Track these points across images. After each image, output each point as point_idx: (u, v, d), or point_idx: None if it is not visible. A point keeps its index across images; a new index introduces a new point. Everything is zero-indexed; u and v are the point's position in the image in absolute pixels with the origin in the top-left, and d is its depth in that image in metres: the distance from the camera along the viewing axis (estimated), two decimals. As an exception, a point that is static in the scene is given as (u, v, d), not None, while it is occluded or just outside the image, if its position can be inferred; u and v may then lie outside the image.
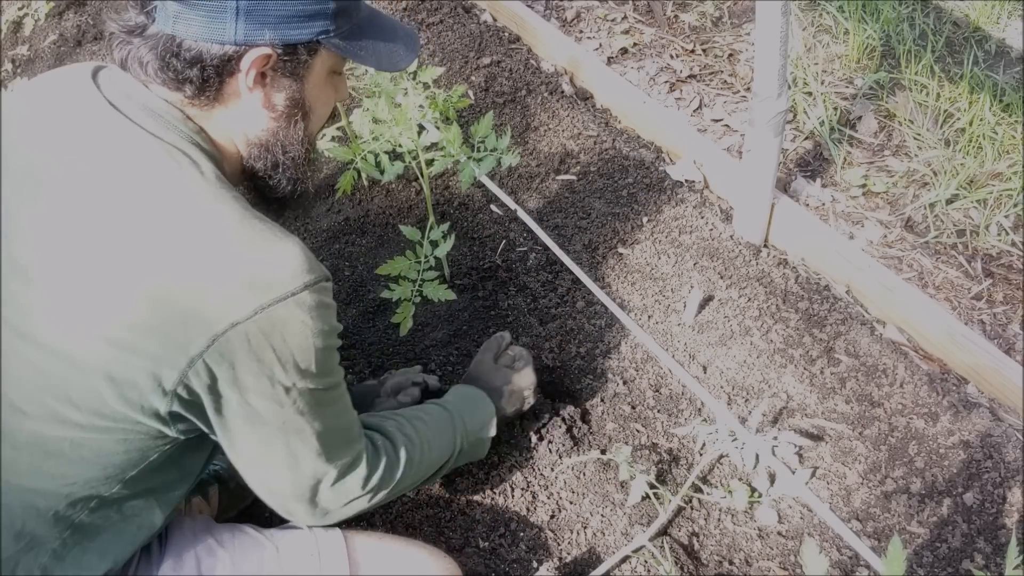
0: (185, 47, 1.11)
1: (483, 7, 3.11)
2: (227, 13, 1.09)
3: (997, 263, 2.21)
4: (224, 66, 1.13)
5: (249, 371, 1.09)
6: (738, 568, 1.64)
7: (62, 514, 1.14)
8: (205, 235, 1.08)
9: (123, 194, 1.09)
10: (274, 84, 1.19)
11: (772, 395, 1.90)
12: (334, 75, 1.27)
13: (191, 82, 1.13)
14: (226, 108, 1.19)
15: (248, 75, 1.14)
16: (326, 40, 1.17)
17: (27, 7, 3.40)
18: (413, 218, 2.36)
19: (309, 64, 1.19)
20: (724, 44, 2.92)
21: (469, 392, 1.63)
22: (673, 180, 2.41)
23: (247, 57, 1.13)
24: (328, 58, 1.22)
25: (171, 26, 1.10)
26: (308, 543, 1.33)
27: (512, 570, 1.61)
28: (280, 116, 1.22)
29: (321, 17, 1.15)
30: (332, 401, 1.22)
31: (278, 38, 1.13)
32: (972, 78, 2.55)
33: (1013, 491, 1.72)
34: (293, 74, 1.19)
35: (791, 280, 2.13)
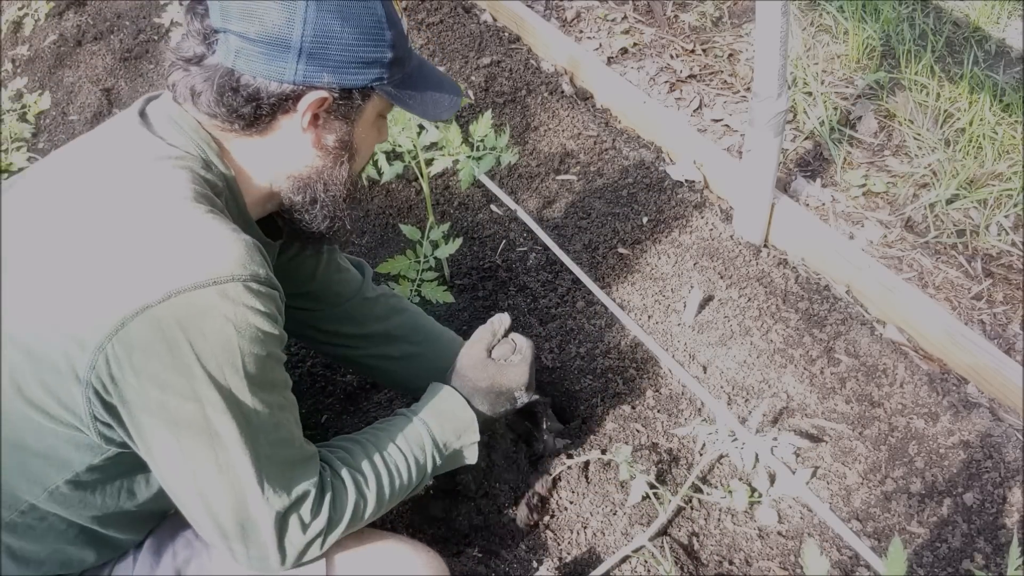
0: (243, 82, 1.12)
1: (483, 7, 3.11)
2: (290, 53, 1.11)
3: (997, 263, 2.21)
4: (280, 104, 1.15)
5: (163, 364, 1.02)
6: (738, 568, 1.64)
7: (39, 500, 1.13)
8: (137, 218, 1.06)
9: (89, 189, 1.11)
10: (326, 126, 1.20)
11: (772, 395, 1.90)
12: (380, 118, 1.29)
13: (243, 117, 1.15)
14: (268, 140, 1.20)
15: (304, 116, 1.16)
16: (380, 87, 1.19)
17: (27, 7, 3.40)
18: (413, 218, 2.36)
19: (361, 108, 1.21)
20: (724, 44, 2.92)
21: (443, 395, 1.42)
22: (673, 180, 2.41)
23: (305, 99, 1.15)
24: (379, 103, 1.24)
25: (232, 60, 1.12)
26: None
27: (512, 570, 1.61)
28: (328, 155, 1.23)
29: (377, 65, 1.17)
30: (268, 424, 1.11)
31: (336, 82, 1.15)
32: (972, 78, 2.55)
33: (1013, 491, 1.72)
34: (345, 117, 1.21)
35: (791, 280, 2.13)
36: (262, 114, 1.15)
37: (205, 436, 1.07)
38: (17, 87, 3.08)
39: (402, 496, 1.34)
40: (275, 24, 1.09)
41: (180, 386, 1.04)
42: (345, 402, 1.96)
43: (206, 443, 1.07)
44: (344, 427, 1.88)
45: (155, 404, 1.05)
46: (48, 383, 1.06)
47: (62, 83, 3.08)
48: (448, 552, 1.63)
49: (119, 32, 3.22)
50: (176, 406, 1.05)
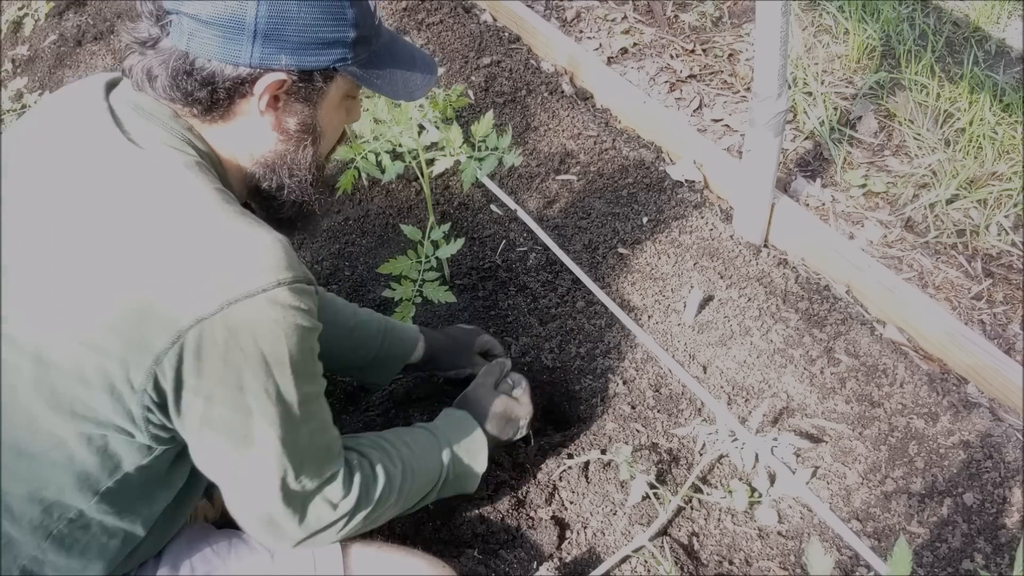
0: (198, 66, 1.09)
1: (483, 7, 3.11)
2: (244, 35, 1.07)
3: (997, 263, 2.21)
4: (236, 88, 1.11)
5: (215, 371, 1.05)
6: (738, 568, 1.64)
7: (37, 522, 1.13)
8: (176, 228, 1.06)
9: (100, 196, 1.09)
10: (287, 108, 1.17)
11: (772, 395, 1.90)
12: (348, 99, 1.26)
13: (200, 102, 1.12)
14: (231, 125, 1.17)
15: (261, 99, 1.13)
16: (343, 68, 1.15)
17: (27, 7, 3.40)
18: (413, 218, 2.36)
19: (324, 90, 1.18)
20: (724, 44, 2.92)
21: (460, 418, 1.54)
22: (673, 180, 2.41)
23: (261, 81, 1.11)
24: (343, 84, 1.20)
25: (185, 43, 1.08)
26: (304, 551, 1.29)
27: (512, 570, 1.61)
28: (289, 139, 1.20)
29: (340, 45, 1.13)
30: (309, 415, 1.16)
31: (294, 64, 1.11)
32: (972, 78, 2.55)
33: (1013, 491, 1.72)
34: (307, 99, 1.17)
35: (791, 280, 2.13)
36: (219, 98, 1.12)
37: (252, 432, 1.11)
38: (17, 87, 3.08)
39: (414, 500, 1.39)
40: (228, 5, 1.05)
41: (231, 390, 1.07)
42: (345, 402, 1.96)
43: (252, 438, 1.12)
44: (344, 427, 1.88)
45: (207, 409, 1.08)
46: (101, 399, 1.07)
47: (62, 83, 3.08)
48: (448, 553, 1.63)
49: (119, 32, 3.22)
50: (227, 408, 1.08)
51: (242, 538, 1.33)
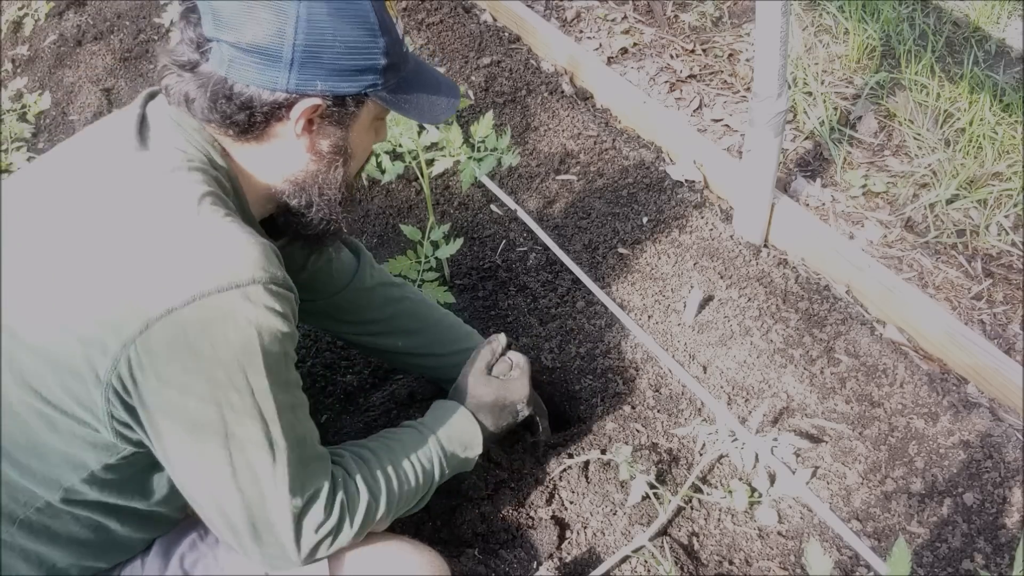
0: (236, 91, 1.13)
1: (483, 7, 3.11)
2: (282, 63, 1.11)
3: (997, 263, 2.21)
4: (273, 112, 1.16)
5: (184, 366, 1.04)
6: (738, 568, 1.64)
7: (4, 505, 1.14)
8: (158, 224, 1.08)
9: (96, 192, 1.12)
10: (320, 131, 1.21)
11: (772, 395, 1.90)
12: (377, 121, 1.30)
13: (237, 124, 1.16)
14: (265, 146, 1.21)
15: (298, 123, 1.17)
16: (373, 93, 1.20)
17: (27, 7, 3.40)
18: (413, 218, 2.36)
19: (356, 114, 1.22)
20: (724, 44, 2.92)
21: (450, 410, 1.49)
22: (673, 180, 2.41)
23: (298, 106, 1.15)
24: (373, 108, 1.25)
25: (224, 69, 1.12)
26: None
27: (512, 570, 1.61)
28: (322, 160, 1.24)
29: (371, 72, 1.18)
30: (287, 424, 1.13)
31: (329, 89, 1.15)
32: (972, 78, 2.55)
33: (1013, 491, 1.72)
34: (339, 123, 1.22)
35: (791, 280, 2.13)
36: (256, 121, 1.16)
37: (222, 438, 1.09)
38: (17, 87, 3.08)
39: (410, 503, 1.37)
40: (266, 35, 1.09)
41: (200, 389, 1.06)
42: (345, 402, 1.96)
43: (222, 444, 1.09)
44: (344, 427, 1.88)
45: (174, 406, 1.06)
46: (67, 384, 1.07)
47: (62, 83, 3.07)
48: (448, 553, 1.63)
49: (119, 32, 3.22)
50: (195, 408, 1.07)
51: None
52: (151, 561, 1.28)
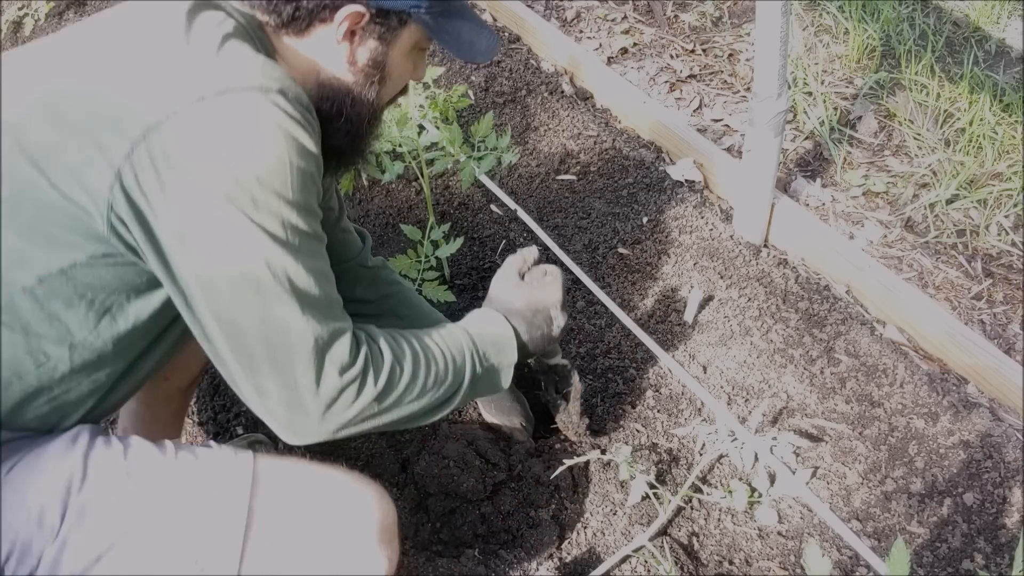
0: None
1: (483, 7, 3.11)
2: None
3: (997, 263, 2.21)
4: (318, 11, 1.16)
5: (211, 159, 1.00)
6: (738, 568, 1.64)
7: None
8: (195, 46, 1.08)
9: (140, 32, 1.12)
10: (361, 42, 1.22)
11: (772, 395, 1.90)
12: (417, 51, 1.30)
13: (280, 13, 1.17)
14: (306, 42, 1.21)
15: (340, 28, 1.17)
16: (417, 14, 1.20)
17: (27, 7, 3.40)
18: (413, 218, 2.36)
19: (398, 32, 1.22)
20: (724, 44, 2.92)
21: (483, 313, 1.42)
22: (673, 180, 2.41)
23: (343, 10, 1.16)
24: (415, 32, 1.25)
25: None
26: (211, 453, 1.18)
27: (512, 570, 1.61)
28: (359, 72, 1.25)
29: None
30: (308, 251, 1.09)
31: (374, 0, 1.16)
32: (972, 78, 2.55)
33: (1013, 491, 1.72)
34: (381, 38, 1.22)
35: (791, 280, 2.14)
36: (300, 16, 1.17)
37: (244, 245, 1.03)
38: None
39: (438, 392, 1.25)
40: None
41: (224, 185, 1.01)
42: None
43: (244, 250, 1.03)
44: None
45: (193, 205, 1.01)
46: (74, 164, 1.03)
47: (62, 83, 3.08)
48: (448, 553, 1.63)
49: None
50: (216, 207, 1.01)
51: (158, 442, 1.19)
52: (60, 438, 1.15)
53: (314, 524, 1.15)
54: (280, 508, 1.15)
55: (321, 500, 1.18)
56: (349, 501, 1.19)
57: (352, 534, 1.16)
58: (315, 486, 1.19)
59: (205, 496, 1.12)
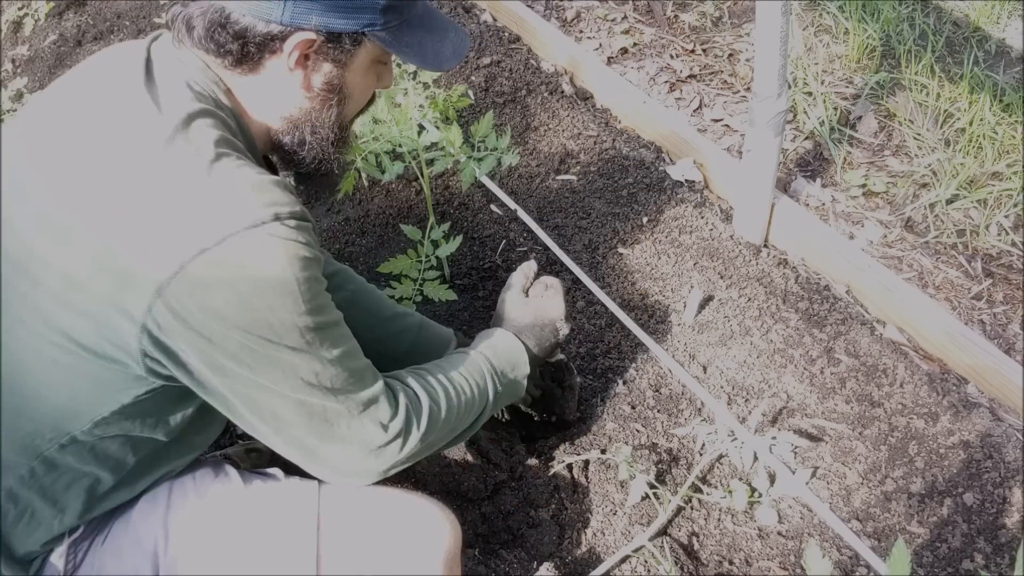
0: (232, 20, 1.14)
1: (483, 7, 3.11)
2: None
3: (997, 263, 2.21)
4: (267, 44, 1.16)
5: (224, 302, 1.06)
6: (738, 568, 1.64)
7: (29, 442, 1.15)
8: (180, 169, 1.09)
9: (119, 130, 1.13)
10: (315, 67, 1.21)
11: (772, 395, 1.90)
12: (378, 64, 1.29)
13: (231, 53, 1.17)
14: (260, 79, 1.21)
15: (290, 57, 1.17)
16: (371, 32, 1.20)
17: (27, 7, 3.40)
18: (413, 218, 2.36)
19: (352, 53, 1.22)
20: (724, 44, 2.92)
21: (492, 333, 1.52)
22: (673, 180, 2.41)
23: (291, 39, 1.16)
24: (373, 49, 1.24)
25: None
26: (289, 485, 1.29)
27: (512, 570, 1.61)
28: (315, 98, 1.24)
29: (369, 11, 1.17)
30: (331, 340, 1.16)
31: (323, 25, 1.15)
32: (972, 78, 2.55)
33: (1013, 491, 1.72)
34: (335, 60, 1.21)
35: (791, 280, 2.14)
36: (249, 52, 1.17)
37: (272, 365, 1.11)
38: (17, 87, 3.08)
39: (468, 419, 1.38)
40: None
41: (242, 320, 1.08)
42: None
43: (273, 370, 1.11)
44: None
45: (219, 342, 1.08)
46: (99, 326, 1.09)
47: (62, 83, 3.07)
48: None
49: (119, 32, 3.22)
50: (239, 340, 1.08)
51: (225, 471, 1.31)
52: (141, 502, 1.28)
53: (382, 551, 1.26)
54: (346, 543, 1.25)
55: (390, 526, 1.28)
56: (419, 527, 1.29)
57: (420, 562, 1.26)
58: (383, 511, 1.29)
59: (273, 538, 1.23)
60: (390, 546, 1.27)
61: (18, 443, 1.15)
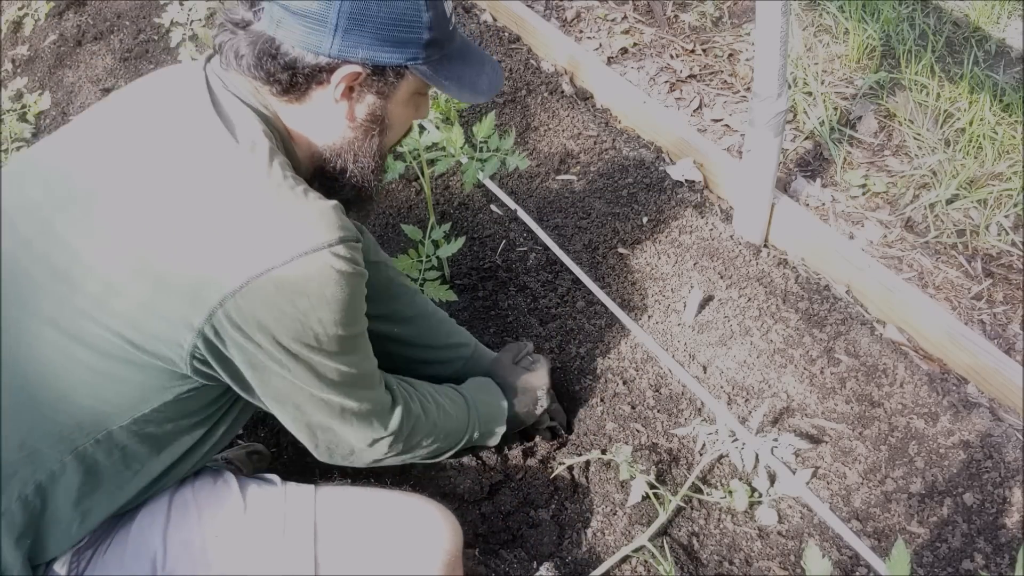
0: (282, 51, 1.19)
1: (483, 7, 3.11)
2: (327, 27, 1.16)
3: (997, 263, 2.21)
4: (315, 75, 1.21)
5: (282, 315, 1.14)
6: (738, 568, 1.64)
7: (66, 435, 1.18)
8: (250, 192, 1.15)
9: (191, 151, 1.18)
10: (359, 99, 1.26)
11: (772, 395, 1.90)
12: (418, 95, 1.33)
13: (280, 82, 1.21)
14: (306, 107, 1.26)
15: (337, 88, 1.22)
16: (414, 66, 1.23)
17: (27, 7, 3.40)
18: (413, 218, 2.36)
19: (395, 85, 1.26)
20: (724, 44, 2.92)
21: (484, 383, 1.68)
22: (673, 180, 2.41)
23: (339, 72, 1.20)
24: (414, 82, 1.28)
25: (273, 29, 1.18)
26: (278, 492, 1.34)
27: (512, 570, 1.61)
28: (358, 128, 1.29)
29: (414, 45, 1.22)
30: (361, 347, 1.28)
31: (370, 59, 1.20)
32: (972, 78, 2.55)
33: (1013, 491, 1.72)
34: (379, 92, 1.26)
35: (791, 280, 2.14)
36: (298, 82, 1.21)
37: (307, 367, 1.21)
38: (17, 87, 3.08)
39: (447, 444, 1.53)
40: (316, 1, 1.15)
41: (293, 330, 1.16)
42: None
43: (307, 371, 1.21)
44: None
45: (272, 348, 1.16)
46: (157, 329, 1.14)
47: (62, 83, 3.08)
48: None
49: (119, 32, 3.22)
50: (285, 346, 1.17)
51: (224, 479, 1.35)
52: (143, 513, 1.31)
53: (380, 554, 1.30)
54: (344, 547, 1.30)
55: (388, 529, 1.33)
56: (417, 529, 1.34)
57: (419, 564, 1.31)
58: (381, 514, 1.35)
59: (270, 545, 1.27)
60: (388, 549, 1.30)
61: (54, 436, 1.18)
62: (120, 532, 1.27)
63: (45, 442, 1.18)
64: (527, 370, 1.74)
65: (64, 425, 1.17)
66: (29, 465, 1.17)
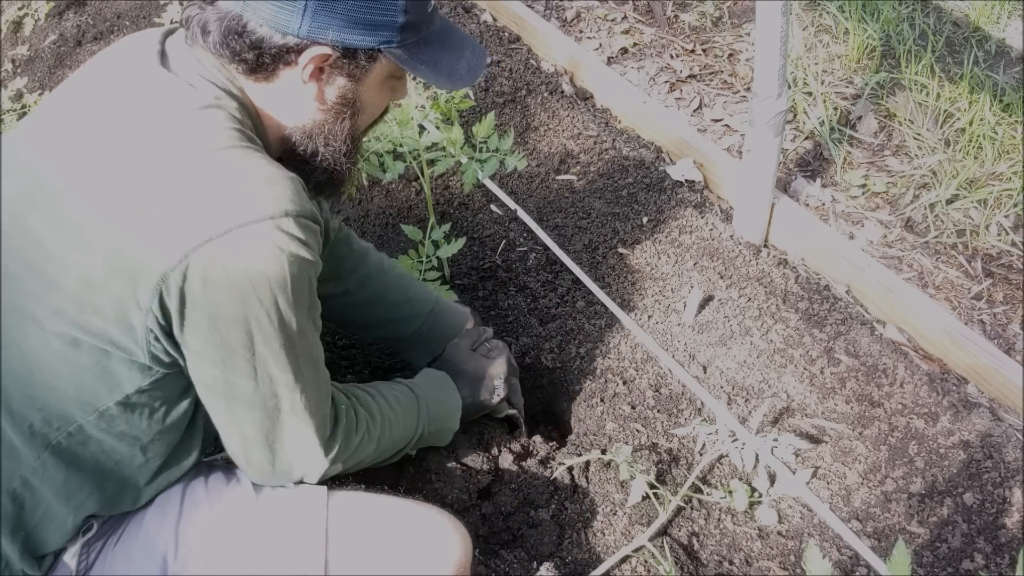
0: (249, 29, 1.15)
1: (483, 7, 3.11)
2: (296, 7, 1.12)
3: (997, 263, 2.21)
4: (282, 56, 1.17)
5: (220, 292, 1.08)
6: (738, 568, 1.64)
7: (37, 430, 1.16)
8: (195, 157, 1.10)
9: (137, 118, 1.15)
10: (329, 80, 1.22)
11: (772, 395, 1.90)
12: (393, 78, 1.29)
13: (246, 61, 1.17)
14: (274, 87, 1.22)
15: (305, 69, 1.18)
16: (387, 49, 1.20)
17: (27, 7, 3.40)
18: (413, 218, 2.36)
19: (367, 68, 1.22)
20: (724, 44, 2.92)
21: (438, 378, 1.62)
22: (673, 180, 2.41)
23: (306, 53, 1.16)
24: (388, 65, 1.24)
25: (241, 6, 1.14)
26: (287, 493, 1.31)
27: (512, 570, 1.61)
28: (329, 110, 1.25)
29: (387, 28, 1.18)
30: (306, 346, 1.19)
31: (340, 40, 1.16)
32: (972, 78, 2.55)
33: (1013, 491, 1.72)
34: (350, 75, 1.22)
35: (791, 280, 2.14)
36: (264, 62, 1.17)
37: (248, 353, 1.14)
38: (17, 87, 3.08)
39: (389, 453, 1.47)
40: None
41: (232, 310, 1.10)
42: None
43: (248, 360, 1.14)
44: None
45: (208, 327, 1.11)
46: (106, 312, 1.10)
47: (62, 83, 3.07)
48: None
49: (119, 32, 3.22)
50: (226, 327, 1.11)
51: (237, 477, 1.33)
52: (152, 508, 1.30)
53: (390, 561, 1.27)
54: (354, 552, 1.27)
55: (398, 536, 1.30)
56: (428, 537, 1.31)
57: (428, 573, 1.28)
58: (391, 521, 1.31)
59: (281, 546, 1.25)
60: (398, 556, 1.28)
61: (26, 431, 1.17)
62: (131, 525, 1.27)
63: (19, 438, 1.17)
64: (485, 357, 1.70)
65: (33, 420, 1.16)
66: (11, 460, 1.17)
